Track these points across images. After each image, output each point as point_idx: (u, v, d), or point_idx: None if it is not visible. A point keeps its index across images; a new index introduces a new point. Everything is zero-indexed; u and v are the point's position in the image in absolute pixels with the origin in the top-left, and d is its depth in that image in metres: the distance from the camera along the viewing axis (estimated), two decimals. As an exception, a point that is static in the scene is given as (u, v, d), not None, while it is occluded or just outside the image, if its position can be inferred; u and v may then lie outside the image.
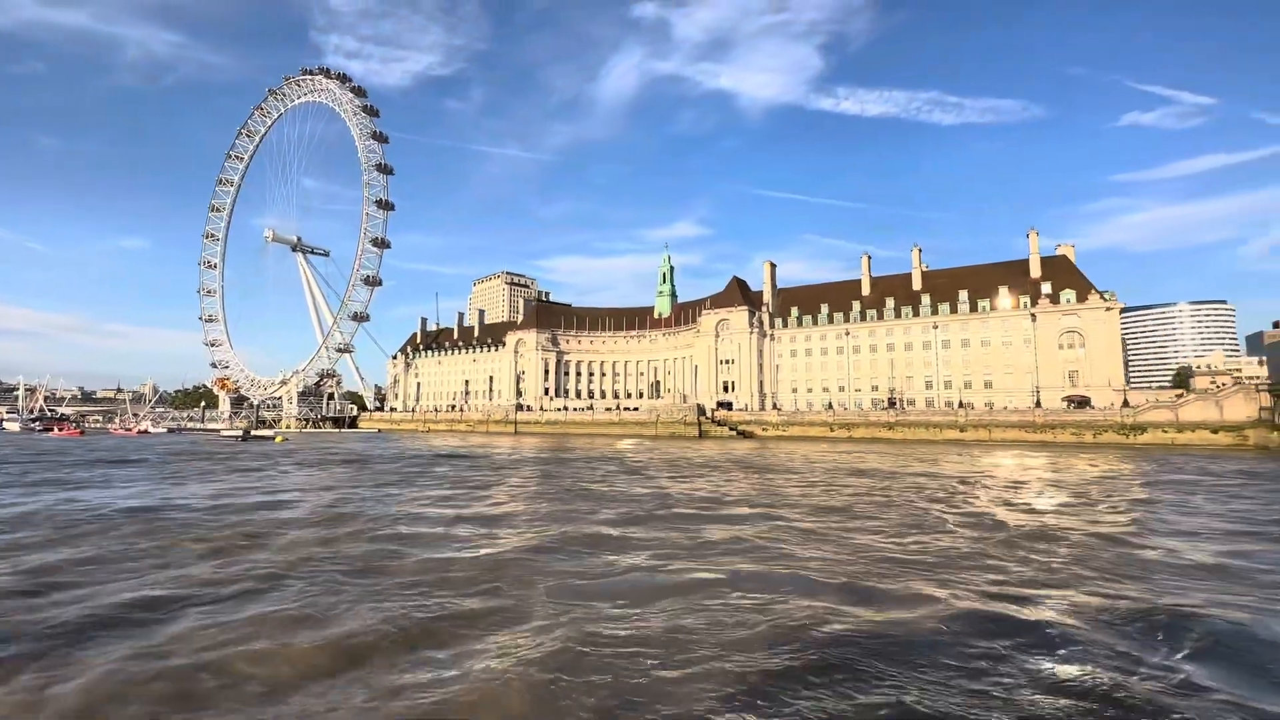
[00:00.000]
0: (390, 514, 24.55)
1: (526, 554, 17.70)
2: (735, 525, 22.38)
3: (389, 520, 23.05)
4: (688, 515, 24.72)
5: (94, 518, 22.88)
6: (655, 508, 26.45)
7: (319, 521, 22.79)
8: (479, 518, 24.18)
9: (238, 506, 26.25)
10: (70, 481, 35.53)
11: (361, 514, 24.43)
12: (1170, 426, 74.32)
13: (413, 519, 23.60)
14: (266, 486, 33.90)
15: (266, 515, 23.98)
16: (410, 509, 25.99)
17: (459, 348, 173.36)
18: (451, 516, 24.26)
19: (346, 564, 16.37)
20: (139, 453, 61.84)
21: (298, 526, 21.65)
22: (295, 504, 27.36)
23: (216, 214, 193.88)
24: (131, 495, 29.71)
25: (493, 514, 25.12)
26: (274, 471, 42.65)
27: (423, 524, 22.52)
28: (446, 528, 21.89)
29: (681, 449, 72.28)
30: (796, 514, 24.57)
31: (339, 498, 29.40)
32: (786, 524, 22.31)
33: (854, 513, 24.92)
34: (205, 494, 30.19)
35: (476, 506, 27.05)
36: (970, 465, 48.59)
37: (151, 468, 45.20)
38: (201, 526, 21.32)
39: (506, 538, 20.09)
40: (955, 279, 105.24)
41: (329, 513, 24.80)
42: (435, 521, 23.10)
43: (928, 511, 25.29)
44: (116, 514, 23.78)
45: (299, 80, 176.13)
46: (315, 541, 19.14)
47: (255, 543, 18.89)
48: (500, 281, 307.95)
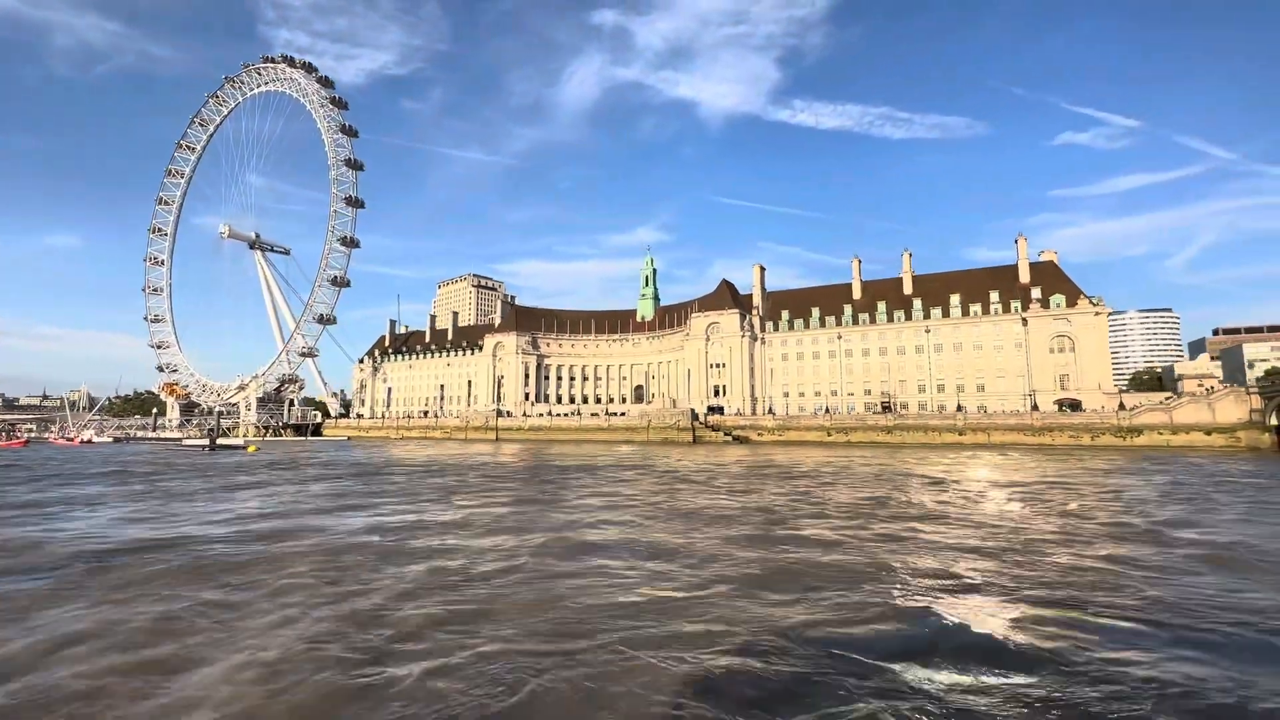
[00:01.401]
0: (567, 535, 20.96)
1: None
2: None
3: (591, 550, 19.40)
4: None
5: (251, 553, 18.54)
6: (764, 530, 23.63)
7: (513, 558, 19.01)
8: (658, 549, 20.90)
9: (351, 534, 22.14)
10: (85, 501, 30.28)
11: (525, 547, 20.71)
12: (1165, 428, 76.01)
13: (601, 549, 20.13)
14: (327, 505, 29.55)
15: (433, 551, 19.90)
16: (585, 527, 22.43)
17: (431, 351, 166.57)
18: (642, 546, 20.89)
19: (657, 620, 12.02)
20: (101, 466, 55.27)
21: (497, 574, 16.23)
22: (418, 529, 23.39)
23: (165, 207, 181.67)
24: (205, 522, 25.10)
25: (679, 544, 21.82)
26: (289, 487, 37.90)
27: (609, 554, 19.12)
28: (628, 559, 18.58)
29: (700, 457, 69.65)
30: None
31: (459, 519, 25.44)
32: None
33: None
34: (286, 518, 25.76)
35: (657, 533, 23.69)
36: (1037, 472, 47.53)
37: (141, 484, 39.72)
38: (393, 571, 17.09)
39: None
40: (945, 283, 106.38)
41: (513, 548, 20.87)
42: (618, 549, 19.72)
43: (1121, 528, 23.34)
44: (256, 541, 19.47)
45: (259, 68, 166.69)
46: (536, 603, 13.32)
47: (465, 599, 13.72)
48: (467, 284, 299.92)
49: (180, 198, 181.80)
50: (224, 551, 18.30)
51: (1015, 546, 18.90)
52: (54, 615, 12.32)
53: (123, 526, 23.03)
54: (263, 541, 19.88)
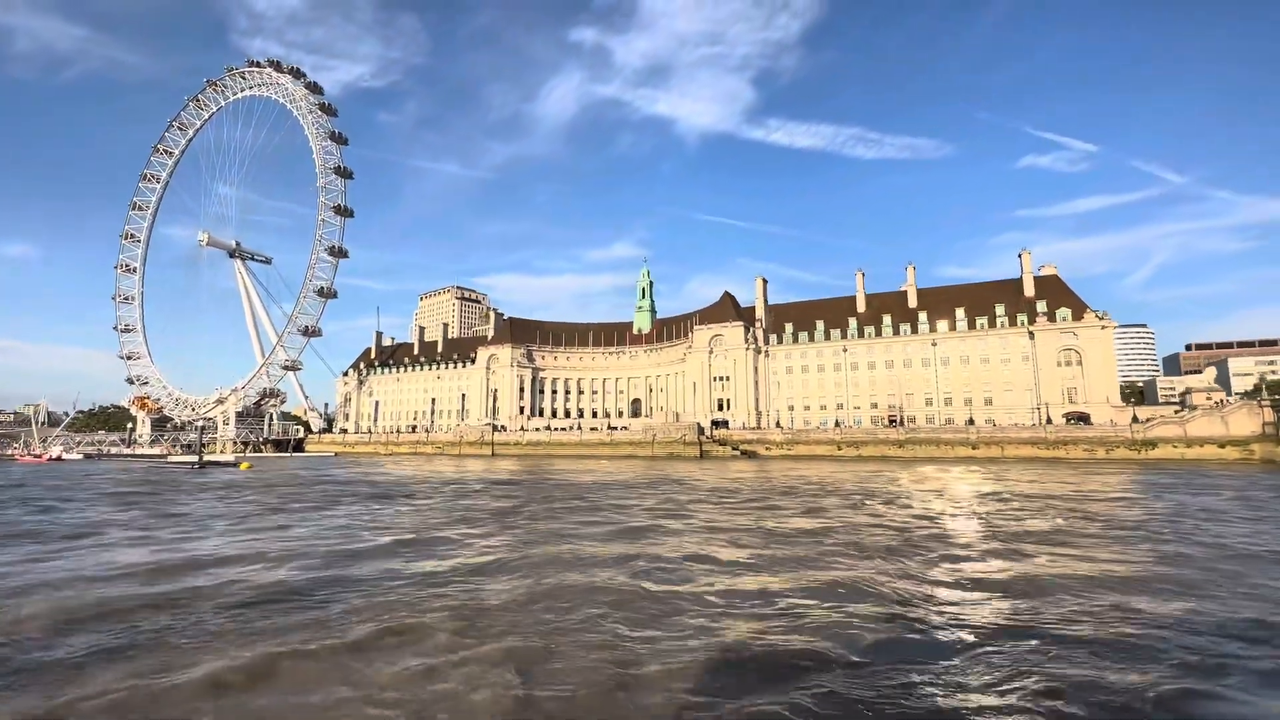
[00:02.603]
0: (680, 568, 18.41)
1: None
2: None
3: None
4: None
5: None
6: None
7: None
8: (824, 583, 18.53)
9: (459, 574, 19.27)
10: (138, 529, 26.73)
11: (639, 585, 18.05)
12: (1179, 442, 76.43)
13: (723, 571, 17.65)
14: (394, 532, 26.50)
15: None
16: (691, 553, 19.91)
17: (420, 364, 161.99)
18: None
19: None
20: (90, 485, 50.81)
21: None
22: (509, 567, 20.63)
23: (139, 213, 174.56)
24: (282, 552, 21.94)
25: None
26: (316, 514, 34.64)
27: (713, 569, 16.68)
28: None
29: (718, 473, 67.48)
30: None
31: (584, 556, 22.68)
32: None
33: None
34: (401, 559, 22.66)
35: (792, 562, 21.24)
36: (1117, 488, 46.41)
37: (159, 505, 35.97)
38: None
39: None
40: (950, 296, 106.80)
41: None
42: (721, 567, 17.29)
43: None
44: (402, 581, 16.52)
45: (244, 72, 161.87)
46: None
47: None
48: (450, 296, 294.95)
49: (156, 203, 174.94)
50: (452, 595, 15.49)
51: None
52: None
53: (265, 565, 19.95)
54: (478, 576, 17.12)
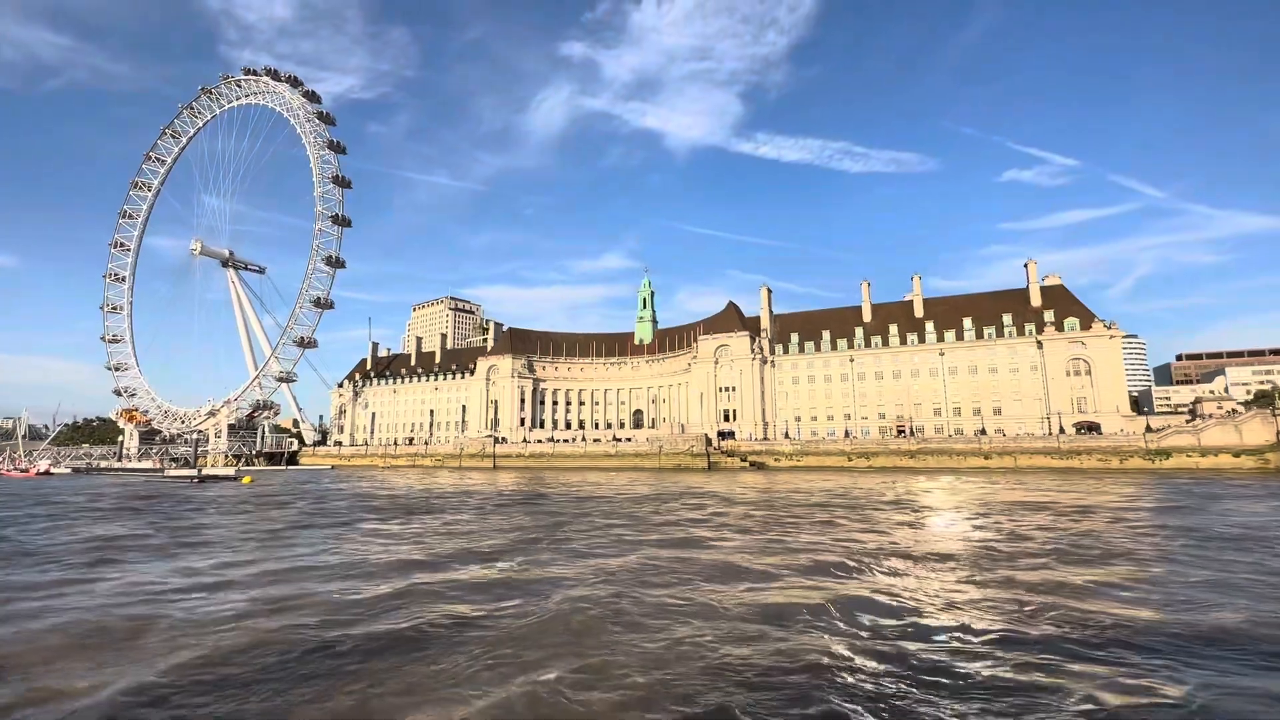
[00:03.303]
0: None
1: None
2: None
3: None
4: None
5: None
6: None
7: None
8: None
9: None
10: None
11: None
12: (1194, 451, 76.33)
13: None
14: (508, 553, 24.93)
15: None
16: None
17: (417, 375, 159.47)
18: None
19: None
20: (94, 501, 48.56)
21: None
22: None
23: (129, 221, 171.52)
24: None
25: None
26: (358, 537, 32.93)
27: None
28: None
29: (737, 484, 66.26)
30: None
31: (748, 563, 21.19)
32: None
33: None
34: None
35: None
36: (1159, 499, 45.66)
37: (165, 519, 34.06)
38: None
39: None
40: (956, 306, 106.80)
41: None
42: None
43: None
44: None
45: (240, 80, 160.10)
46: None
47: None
48: (444, 307, 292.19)
49: (147, 211, 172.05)
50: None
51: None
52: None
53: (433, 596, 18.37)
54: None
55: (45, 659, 11.60)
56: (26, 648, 12.21)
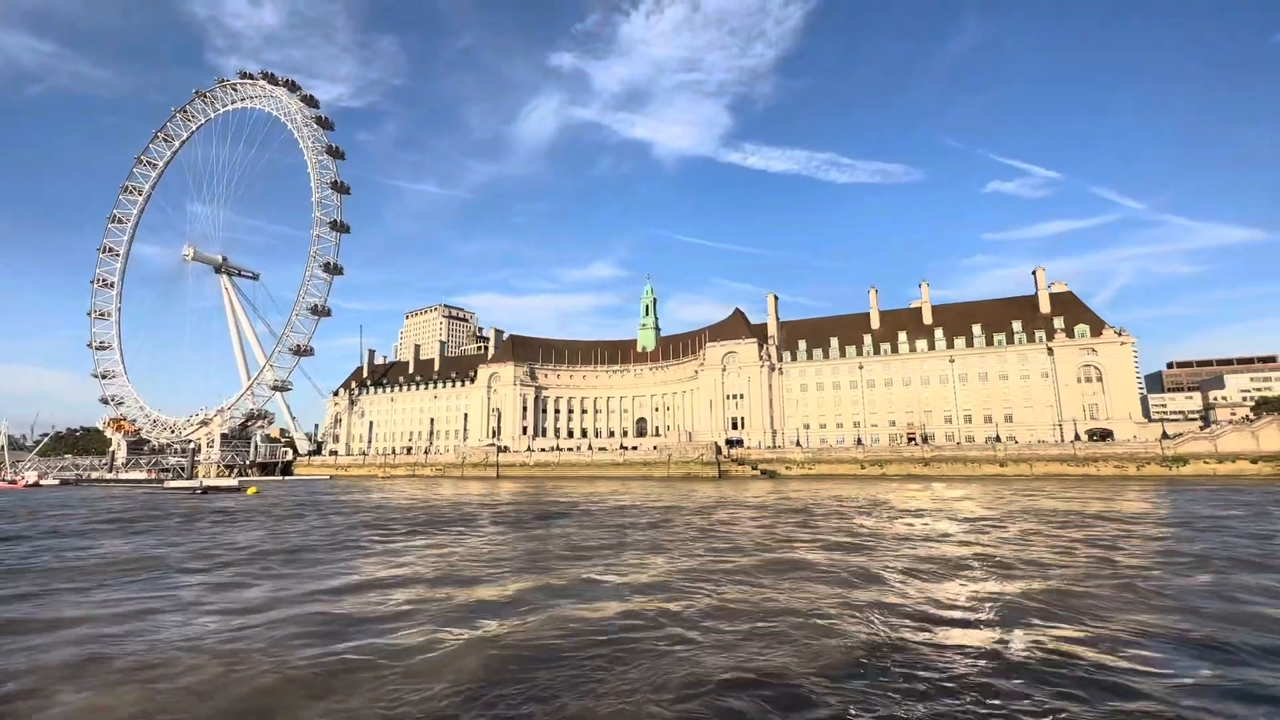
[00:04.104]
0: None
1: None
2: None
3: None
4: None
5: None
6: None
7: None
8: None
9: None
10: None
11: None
12: (1211, 458, 76.27)
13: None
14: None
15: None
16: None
17: (416, 383, 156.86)
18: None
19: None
20: (101, 514, 46.20)
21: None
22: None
23: (118, 225, 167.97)
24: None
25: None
26: (409, 552, 31.10)
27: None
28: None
29: (755, 493, 64.90)
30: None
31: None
32: None
33: None
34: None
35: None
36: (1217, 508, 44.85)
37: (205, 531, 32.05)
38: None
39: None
40: (965, 314, 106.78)
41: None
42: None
43: None
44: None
45: (235, 84, 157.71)
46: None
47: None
48: (438, 315, 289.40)
49: (136, 216, 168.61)
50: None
51: None
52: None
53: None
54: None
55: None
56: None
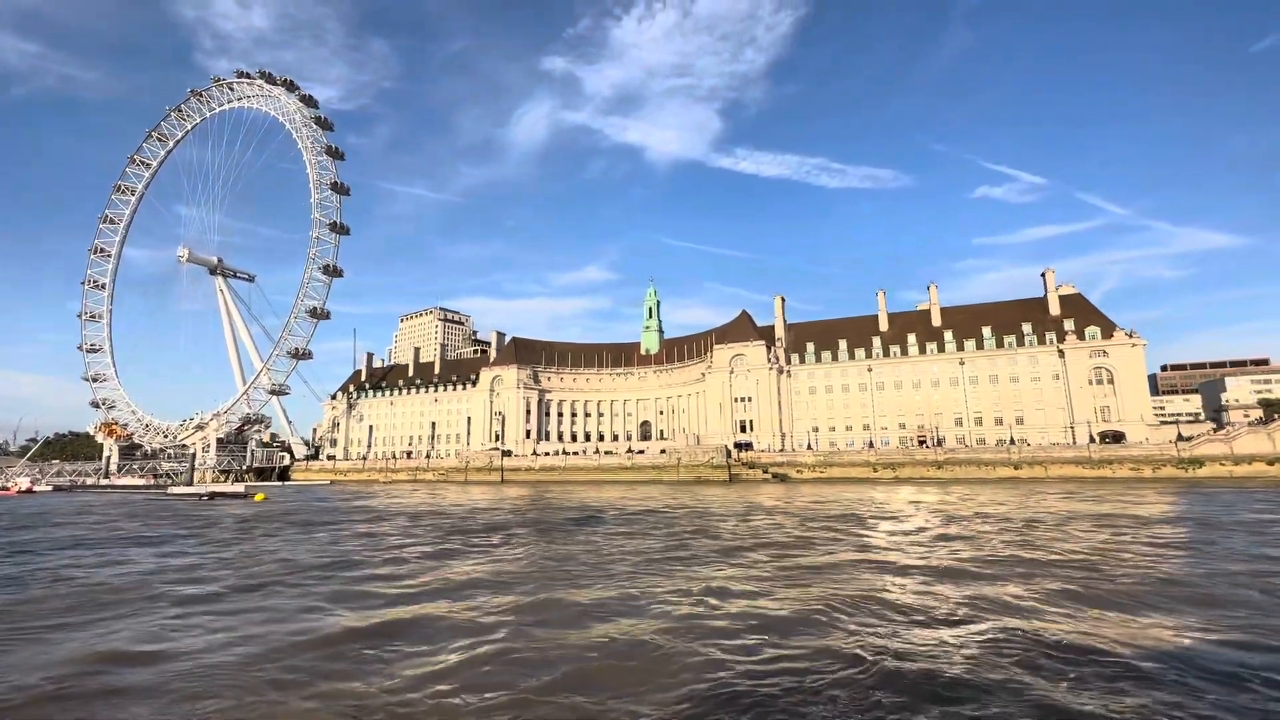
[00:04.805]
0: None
1: None
2: None
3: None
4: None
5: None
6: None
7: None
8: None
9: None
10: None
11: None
12: (1227, 459, 76.29)
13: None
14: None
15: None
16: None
17: (416, 387, 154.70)
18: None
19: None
20: (115, 524, 44.43)
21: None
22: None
23: (110, 226, 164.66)
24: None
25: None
26: (487, 563, 29.61)
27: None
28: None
29: (772, 497, 63.96)
30: None
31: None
32: None
33: None
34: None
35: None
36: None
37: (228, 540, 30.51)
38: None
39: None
40: (975, 316, 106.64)
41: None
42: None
43: None
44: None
45: (231, 84, 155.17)
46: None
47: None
48: (433, 317, 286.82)
49: (129, 216, 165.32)
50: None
51: None
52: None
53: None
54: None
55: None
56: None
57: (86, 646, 13.42)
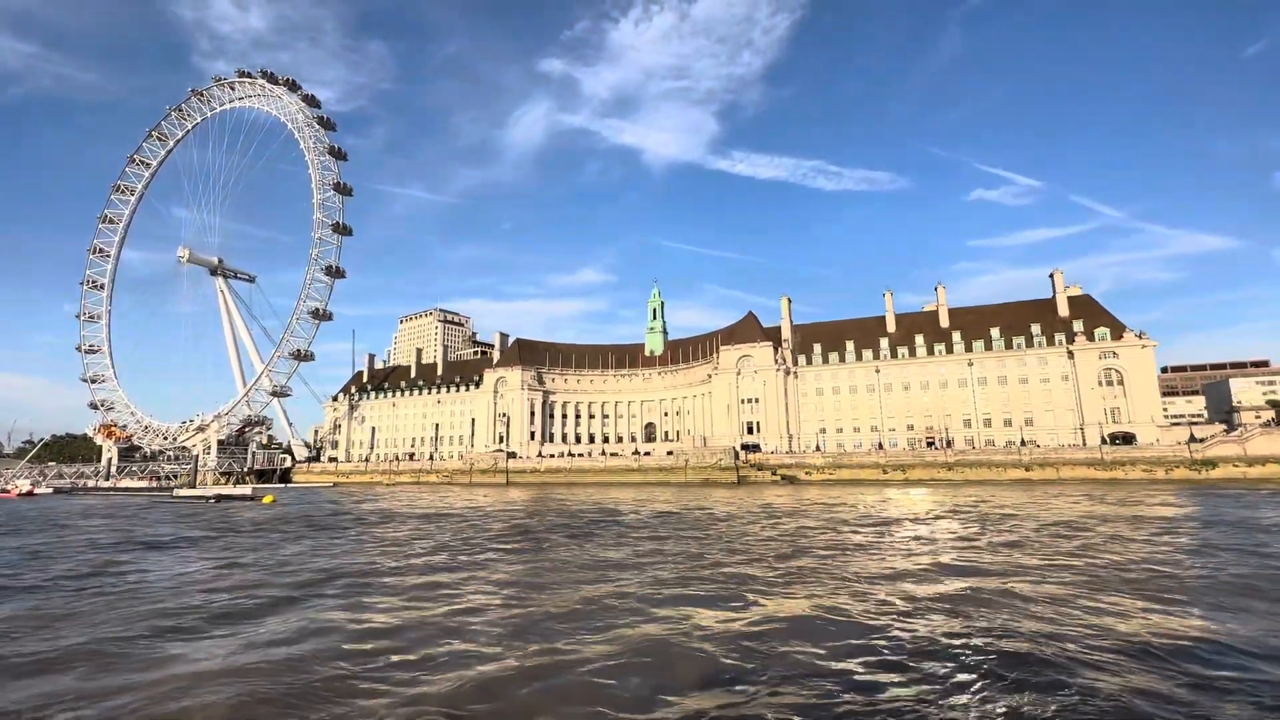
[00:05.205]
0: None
1: None
2: None
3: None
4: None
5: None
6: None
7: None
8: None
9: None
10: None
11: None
12: (1240, 461, 76.03)
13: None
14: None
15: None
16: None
17: (419, 388, 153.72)
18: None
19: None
20: (127, 527, 43.57)
21: None
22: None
23: (109, 225, 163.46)
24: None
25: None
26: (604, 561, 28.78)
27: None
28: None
29: (788, 498, 63.39)
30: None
31: None
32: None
33: None
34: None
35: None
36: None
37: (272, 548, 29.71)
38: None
39: None
40: (983, 317, 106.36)
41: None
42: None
43: None
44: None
45: (233, 83, 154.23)
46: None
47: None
48: (433, 319, 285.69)
49: (128, 216, 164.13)
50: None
51: None
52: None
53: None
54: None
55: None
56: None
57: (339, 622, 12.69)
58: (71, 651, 13.17)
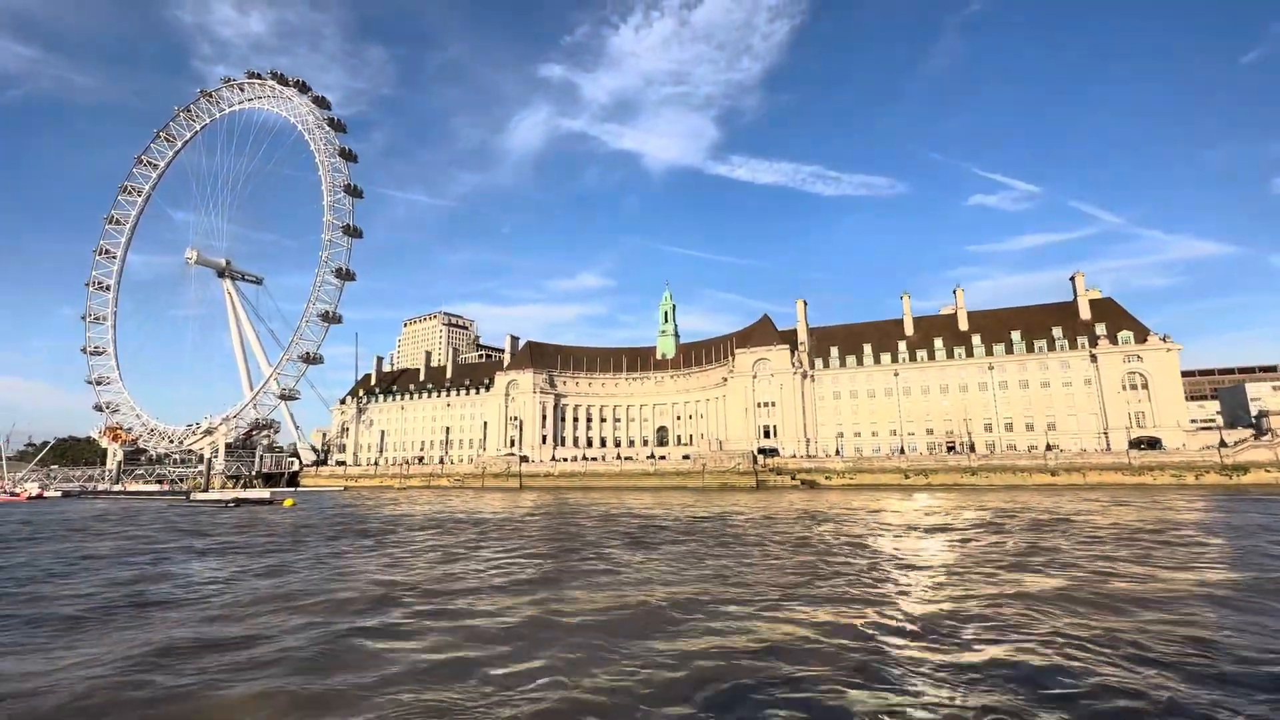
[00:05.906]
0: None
1: None
2: None
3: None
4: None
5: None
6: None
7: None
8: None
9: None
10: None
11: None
12: (1272, 465, 75.16)
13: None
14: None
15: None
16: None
17: (428, 391, 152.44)
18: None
19: None
20: (161, 533, 42.33)
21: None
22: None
23: (116, 227, 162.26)
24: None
25: None
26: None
27: None
28: None
29: (821, 504, 62.26)
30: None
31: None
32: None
33: None
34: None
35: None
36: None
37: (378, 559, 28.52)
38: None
39: None
40: (1002, 320, 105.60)
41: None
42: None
43: None
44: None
45: (242, 84, 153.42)
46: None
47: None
48: (437, 322, 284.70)
49: (135, 217, 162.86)
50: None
51: None
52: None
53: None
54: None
55: None
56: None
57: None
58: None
